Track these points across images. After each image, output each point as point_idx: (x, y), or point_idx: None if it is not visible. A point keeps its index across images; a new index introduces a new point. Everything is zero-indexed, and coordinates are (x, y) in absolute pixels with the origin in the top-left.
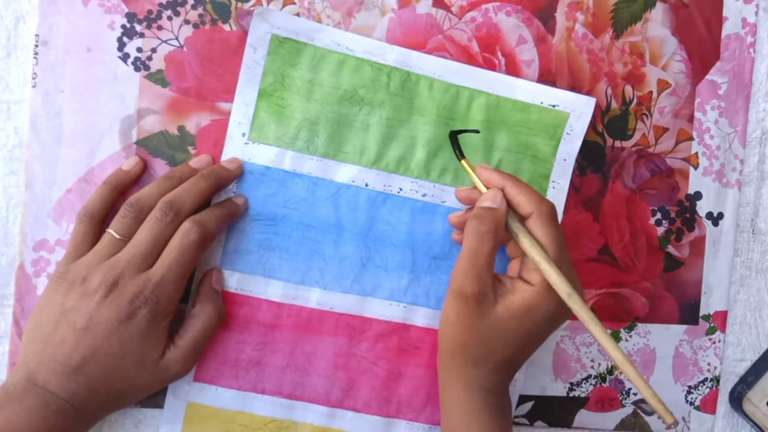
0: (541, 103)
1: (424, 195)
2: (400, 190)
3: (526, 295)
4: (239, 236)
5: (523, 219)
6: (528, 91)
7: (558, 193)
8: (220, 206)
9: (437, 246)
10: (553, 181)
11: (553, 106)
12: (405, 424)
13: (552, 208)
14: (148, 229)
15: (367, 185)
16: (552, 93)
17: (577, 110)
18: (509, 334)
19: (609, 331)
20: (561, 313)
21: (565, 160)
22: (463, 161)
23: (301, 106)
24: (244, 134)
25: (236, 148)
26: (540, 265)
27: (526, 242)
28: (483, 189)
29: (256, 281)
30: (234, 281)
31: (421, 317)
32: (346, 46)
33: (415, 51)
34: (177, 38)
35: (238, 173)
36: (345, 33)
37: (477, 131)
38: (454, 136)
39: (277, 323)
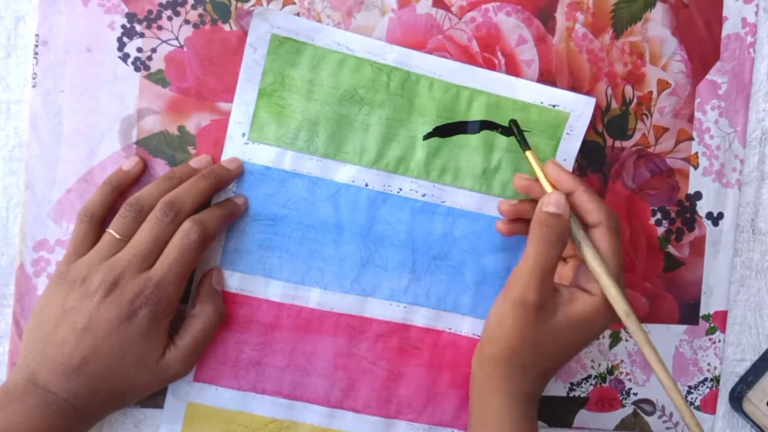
0: (541, 103)
1: (423, 195)
2: (400, 190)
3: (587, 305)
4: (239, 236)
5: (586, 227)
6: (528, 90)
7: None
8: (220, 206)
9: (437, 246)
10: None
11: (553, 105)
12: (405, 425)
13: (618, 222)
14: (148, 229)
15: (366, 185)
16: (552, 93)
17: (577, 110)
18: (563, 342)
19: (610, 331)
20: (610, 325)
21: (565, 159)
22: (528, 153)
23: (301, 106)
24: (244, 134)
25: (236, 148)
26: (600, 279)
27: (589, 253)
28: (548, 188)
29: (256, 281)
30: (234, 281)
31: (421, 317)
32: (346, 45)
33: (416, 51)
34: (177, 38)
35: (238, 173)
36: (345, 33)
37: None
38: (516, 125)
39: (277, 323)
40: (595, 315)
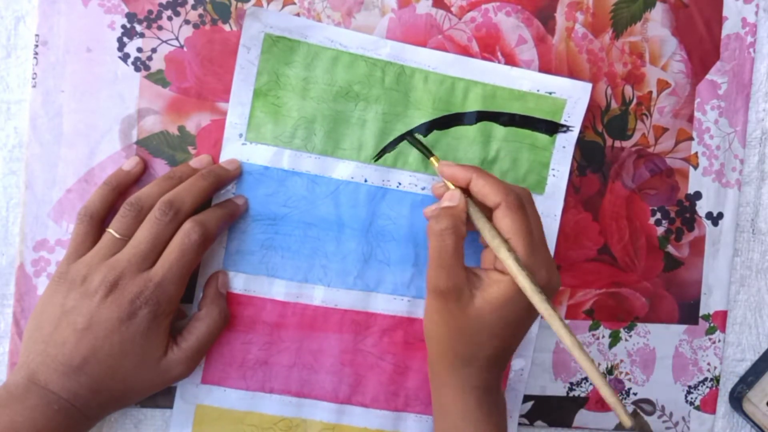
0: (538, 90)
1: (423, 188)
2: (399, 184)
3: (502, 286)
4: (241, 237)
5: (491, 210)
6: (524, 79)
7: (558, 180)
8: (220, 206)
9: None
10: (553, 169)
11: (550, 93)
12: (414, 417)
13: (519, 197)
14: (147, 229)
15: (366, 181)
16: (548, 80)
17: (574, 96)
18: (493, 327)
19: (609, 331)
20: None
21: (564, 147)
22: (431, 159)
23: (297, 104)
24: (241, 135)
25: (234, 148)
26: (505, 262)
27: (487, 235)
28: (450, 186)
29: (259, 281)
30: (238, 282)
31: None
32: (340, 42)
33: (409, 44)
34: (177, 38)
35: (237, 174)
36: (337, 29)
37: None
38: (413, 138)
39: (283, 322)
40: (512, 293)
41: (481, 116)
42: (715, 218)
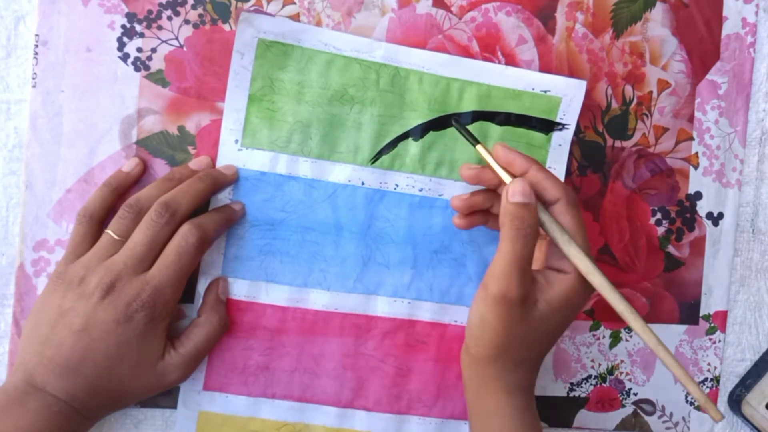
0: (533, 89)
1: (420, 190)
2: (397, 186)
3: (564, 285)
4: (239, 243)
5: (546, 204)
6: (518, 78)
7: None
8: (218, 211)
9: (437, 240)
10: (550, 167)
11: (545, 91)
12: (417, 420)
13: (575, 195)
14: (144, 231)
15: (363, 184)
16: (542, 79)
17: (569, 94)
18: (548, 329)
19: (610, 331)
20: (589, 297)
21: (560, 145)
22: (478, 146)
23: (292, 108)
24: (236, 141)
25: (230, 154)
26: (573, 258)
27: (556, 231)
28: (506, 177)
29: (259, 287)
30: (237, 288)
31: (426, 312)
32: (334, 45)
33: (403, 46)
34: (177, 38)
35: (234, 178)
36: (331, 32)
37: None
38: (459, 123)
39: (283, 327)
40: (573, 293)
41: (477, 116)
42: (716, 218)
